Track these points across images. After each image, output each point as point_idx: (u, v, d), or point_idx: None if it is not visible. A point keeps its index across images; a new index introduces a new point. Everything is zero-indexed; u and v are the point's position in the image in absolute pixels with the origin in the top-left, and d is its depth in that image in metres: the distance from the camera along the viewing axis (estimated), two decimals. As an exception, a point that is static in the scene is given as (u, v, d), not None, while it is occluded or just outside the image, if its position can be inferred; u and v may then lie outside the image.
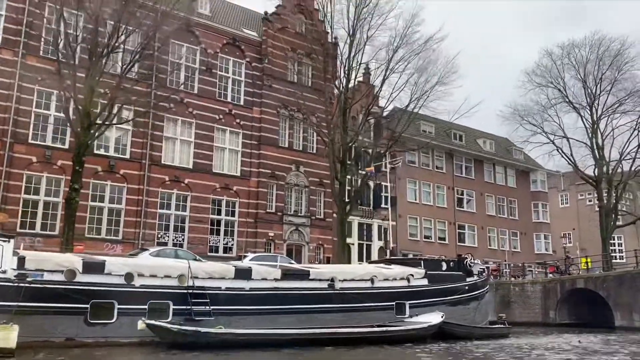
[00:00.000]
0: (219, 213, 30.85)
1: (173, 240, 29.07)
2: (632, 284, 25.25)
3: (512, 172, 48.74)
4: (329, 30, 33.17)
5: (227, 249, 30.63)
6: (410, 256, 35.87)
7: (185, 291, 13.13)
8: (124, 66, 21.81)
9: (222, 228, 30.90)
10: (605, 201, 41.16)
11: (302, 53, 34.96)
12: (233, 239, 31.16)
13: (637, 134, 40.57)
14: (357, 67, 29.39)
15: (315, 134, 34.30)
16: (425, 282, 18.14)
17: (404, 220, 39.89)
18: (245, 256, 23.58)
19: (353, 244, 36.67)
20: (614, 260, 49.00)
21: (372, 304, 16.36)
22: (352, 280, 16.47)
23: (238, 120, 32.42)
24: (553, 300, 28.53)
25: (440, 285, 18.14)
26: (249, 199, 31.86)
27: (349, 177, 32.66)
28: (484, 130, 50.23)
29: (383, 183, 39.35)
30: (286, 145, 34.05)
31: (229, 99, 32.45)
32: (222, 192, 31.06)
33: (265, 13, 34.46)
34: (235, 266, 14.78)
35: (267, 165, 32.71)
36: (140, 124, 28.73)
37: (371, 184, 38.75)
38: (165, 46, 30.09)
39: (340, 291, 15.79)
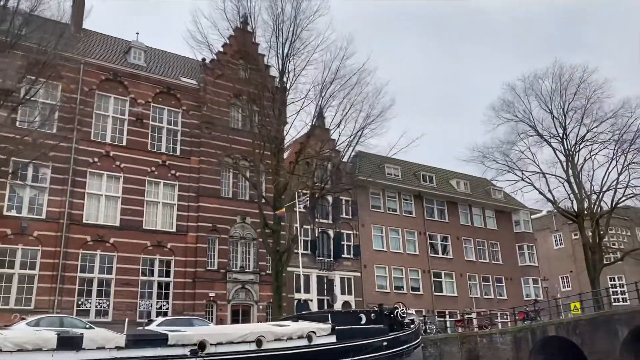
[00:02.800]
0: (151, 274, 28.07)
1: (96, 306, 26.25)
2: (607, 328, 21.87)
3: (491, 213, 45.65)
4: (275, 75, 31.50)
5: (161, 314, 27.51)
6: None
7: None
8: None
9: (155, 290, 28.02)
10: (590, 238, 38.06)
11: (245, 99, 33.08)
12: (168, 302, 28.21)
13: (616, 164, 38.00)
14: (282, 105, 27.27)
15: (264, 182, 31.84)
16: (332, 339, 15.16)
17: (370, 270, 36.73)
18: (152, 321, 20.65)
19: (312, 300, 33.42)
20: (615, 303, 45.33)
21: (255, 372, 13.39)
22: (230, 343, 13.52)
23: (173, 172, 30.19)
24: (525, 351, 25.01)
25: (350, 343, 15.16)
26: (186, 257, 29.10)
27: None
28: (459, 171, 47.60)
29: (344, 231, 36.76)
30: (229, 196, 31.61)
31: (163, 150, 30.35)
32: (155, 250, 28.38)
33: (203, 60, 32.89)
34: (59, 334, 11.97)
35: (207, 219, 30.15)
36: (59, 181, 26.63)
37: (331, 232, 36.03)
38: (90, 98, 28.74)
39: (208, 358, 12.83)
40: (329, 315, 15.73)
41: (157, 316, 27.08)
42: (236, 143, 30.00)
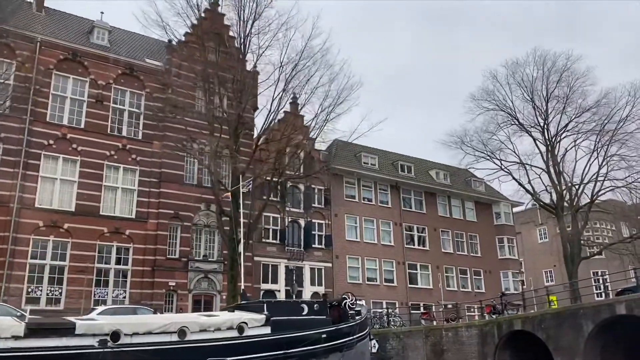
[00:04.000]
0: (107, 261, 27.02)
1: (47, 294, 25.22)
2: (572, 323, 20.96)
3: (471, 205, 44.67)
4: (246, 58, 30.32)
5: (117, 302, 26.50)
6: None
7: None
8: None
9: (112, 278, 27.00)
10: (569, 231, 37.24)
11: (214, 82, 31.90)
12: (125, 291, 27.21)
13: (597, 156, 37.12)
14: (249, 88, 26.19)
15: (228, 168, 30.73)
16: (267, 330, 14.21)
17: (342, 261, 35.78)
18: (93, 309, 19.66)
19: (279, 291, 32.50)
20: (598, 298, 44.55)
21: (175, 366, 12.41)
22: (148, 333, 12.55)
23: (134, 156, 29.08)
24: (491, 346, 24.13)
25: (283, 335, 14.20)
26: (145, 244, 28.05)
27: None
28: (440, 162, 46.60)
29: (316, 221, 35.78)
30: (194, 182, 30.53)
31: (123, 133, 29.23)
32: (112, 237, 27.31)
33: (169, 41, 31.60)
34: (-55, 322, 10.97)
35: (169, 205, 29.09)
36: (10, 163, 25.52)
37: (302, 221, 35.02)
38: (46, 78, 27.56)
39: (118, 349, 11.81)
40: (265, 305, 14.69)
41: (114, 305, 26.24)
42: (200, 128, 28.90)
